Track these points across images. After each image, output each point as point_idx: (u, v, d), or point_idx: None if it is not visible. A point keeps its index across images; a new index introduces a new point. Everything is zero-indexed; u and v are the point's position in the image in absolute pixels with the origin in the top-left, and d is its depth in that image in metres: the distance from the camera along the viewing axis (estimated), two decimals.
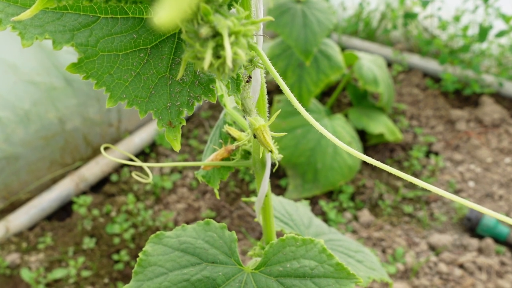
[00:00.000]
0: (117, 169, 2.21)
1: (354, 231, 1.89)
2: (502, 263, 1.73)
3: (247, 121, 0.52)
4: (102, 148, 0.80)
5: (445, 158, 2.25)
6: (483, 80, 2.59)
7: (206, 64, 0.31)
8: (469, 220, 1.86)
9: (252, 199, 0.80)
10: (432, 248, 1.81)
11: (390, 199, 2.04)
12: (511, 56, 2.61)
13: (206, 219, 0.62)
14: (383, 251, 1.81)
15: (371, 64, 2.22)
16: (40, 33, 0.38)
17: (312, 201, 2.02)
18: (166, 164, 0.67)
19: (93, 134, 2.16)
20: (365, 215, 1.95)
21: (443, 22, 2.69)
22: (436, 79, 2.80)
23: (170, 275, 0.58)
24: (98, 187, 2.16)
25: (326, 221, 1.92)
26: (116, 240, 1.84)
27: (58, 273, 1.71)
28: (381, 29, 3.16)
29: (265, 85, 0.55)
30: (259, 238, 1.89)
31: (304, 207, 0.99)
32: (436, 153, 2.31)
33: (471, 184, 2.10)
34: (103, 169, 2.13)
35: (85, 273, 1.71)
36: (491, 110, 2.45)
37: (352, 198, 2.08)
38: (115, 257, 1.78)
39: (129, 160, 2.15)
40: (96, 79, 0.40)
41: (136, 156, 2.28)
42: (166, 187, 2.10)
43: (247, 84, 0.49)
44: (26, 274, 1.68)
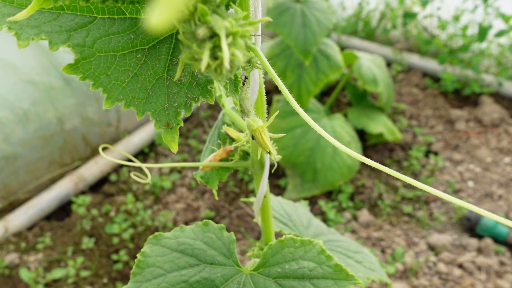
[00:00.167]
0: (116, 169, 2.21)
1: (353, 231, 1.89)
2: (502, 263, 1.73)
3: (245, 122, 0.51)
4: (101, 148, 0.79)
5: (444, 158, 2.25)
6: (483, 79, 2.59)
7: (203, 66, 0.31)
8: (468, 220, 1.85)
9: (251, 200, 0.80)
10: (432, 248, 1.81)
11: (389, 199, 2.04)
12: (510, 55, 2.61)
13: (204, 220, 0.62)
14: (383, 251, 1.81)
15: (370, 63, 2.22)
16: (36, 33, 0.37)
17: (311, 201, 2.02)
18: (165, 165, 0.67)
19: (92, 134, 2.16)
20: (364, 215, 1.94)
21: (443, 22, 2.69)
22: (436, 79, 2.80)
23: (168, 276, 0.57)
24: (97, 187, 2.15)
25: (325, 221, 1.92)
26: (115, 240, 1.84)
27: (57, 273, 1.70)
28: (380, 29, 3.16)
29: (264, 85, 0.55)
30: (258, 238, 1.89)
31: (303, 207, 0.99)
32: (436, 153, 2.30)
33: (471, 184, 2.10)
34: (102, 169, 2.13)
35: (84, 273, 1.71)
36: (490, 109, 2.45)
37: (352, 198, 2.07)
38: (114, 257, 1.78)
39: (128, 160, 2.15)
40: (93, 80, 0.40)
41: (135, 156, 2.28)
42: (165, 187, 2.10)
43: (245, 85, 0.48)
44: (25, 274, 1.67)
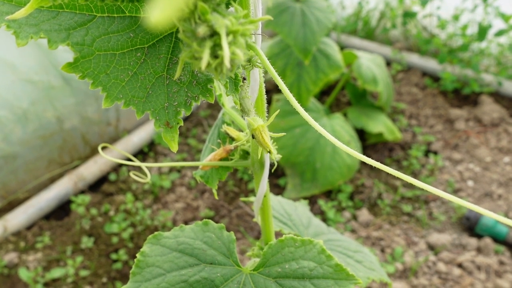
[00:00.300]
0: (116, 168, 2.21)
1: (353, 231, 1.89)
2: (501, 263, 1.73)
3: (245, 121, 0.51)
4: (100, 147, 0.79)
5: (444, 157, 2.25)
6: (482, 79, 2.59)
7: (203, 64, 0.30)
8: (468, 219, 1.85)
9: (251, 199, 0.79)
10: (431, 247, 1.81)
11: (389, 199, 2.04)
12: (510, 55, 2.61)
13: (204, 220, 0.62)
14: (382, 250, 1.81)
15: (370, 63, 2.22)
16: (35, 32, 0.37)
17: (311, 201, 2.02)
18: (164, 164, 0.67)
19: (91, 133, 2.15)
20: (364, 214, 1.94)
21: (442, 21, 2.69)
22: (435, 78, 2.80)
23: (168, 276, 0.57)
24: (96, 186, 2.15)
25: (325, 220, 1.92)
26: (115, 240, 1.84)
27: (56, 273, 1.70)
28: (380, 28, 3.16)
29: (264, 84, 0.55)
30: (258, 238, 1.89)
31: (303, 206, 0.99)
32: (435, 152, 2.30)
33: (470, 183, 2.10)
34: (101, 168, 2.12)
35: (83, 273, 1.71)
36: (490, 109, 2.45)
37: (351, 197, 2.07)
38: (114, 256, 1.78)
39: (128, 159, 2.15)
40: (92, 79, 0.40)
41: (134, 155, 2.28)
42: (164, 186, 2.10)
43: (245, 83, 0.48)
44: (24, 274, 1.67)
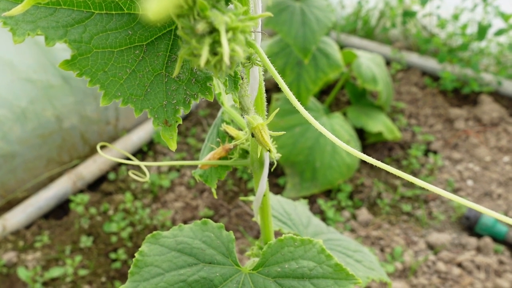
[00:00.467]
0: (115, 167, 2.20)
1: (352, 230, 1.89)
2: (501, 262, 1.72)
3: (245, 119, 0.51)
4: (99, 146, 0.79)
5: (443, 156, 2.25)
6: (482, 78, 2.58)
7: (202, 61, 0.30)
8: (467, 219, 1.85)
9: (250, 198, 0.79)
10: (431, 247, 1.81)
11: (388, 198, 2.04)
12: (510, 54, 2.61)
13: (203, 219, 0.61)
14: (382, 250, 1.81)
15: (369, 62, 2.22)
16: (32, 29, 0.37)
17: (311, 200, 2.02)
18: (163, 163, 0.66)
19: (90, 132, 2.15)
20: (363, 214, 1.94)
21: (442, 21, 2.69)
22: (435, 78, 2.80)
23: (167, 275, 0.57)
24: (95, 185, 2.15)
25: (324, 220, 1.91)
26: (114, 239, 1.83)
27: (55, 272, 1.70)
28: (379, 28, 3.15)
29: (263, 83, 0.54)
30: (257, 237, 1.89)
31: (302, 206, 0.98)
32: (435, 152, 2.30)
33: (470, 183, 2.10)
34: (100, 167, 2.12)
35: (82, 272, 1.71)
36: (489, 108, 2.45)
37: (351, 196, 2.07)
38: (113, 255, 1.77)
39: (127, 159, 2.14)
40: (90, 77, 0.39)
41: (134, 154, 2.27)
42: (164, 186, 2.09)
43: (245, 81, 0.48)
44: (22, 273, 1.67)
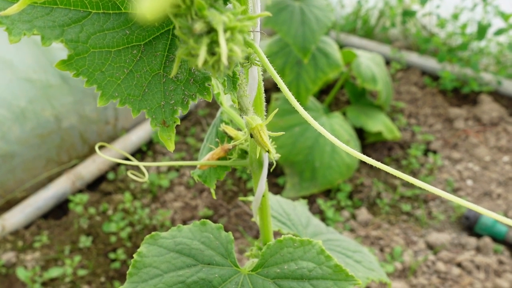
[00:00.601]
0: (114, 167, 2.20)
1: (352, 230, 1.89)
2: (500, 262, 1.72)
3: (244, 120, 0.50)
4: (97, 146, 0.78)
5: (443, 156, 2.25)
6: (482, 78, 2.58)
7: (200, 61, 0.30)
8: (467, 218, 1.85)
9: (249, 198, 0.79)
10: (430, 247, 1.81)
11: (388, 198, 2.03)
12: (509, 54, 2.61)
13: (202, 220, 0.61)
14: (381, 250, 1.80)
15: (369, 62, 2.21)
16: (28, 28, 0.36)
17: (310, 200, 2.01)
18: (162, 163, 0.66)
19: (89, 132, 2.14)
20: (363, 213, 1.94)
21: (442, 20, 2.68)
22: (435, 77, 2.79)
23: (165, 276, 0.56)
24: (94, 185, 2.14)
25: (324, 219, 1.91)
26: (113, 239, 1.83)
27: (54, 272, 1.69)
28: (379, 27, 3.15)
29: (262, 83, 0.54)
30: (256, 237, 1.88)
31: (302, 206, 0.98)
32: (434, 152, 2.30)
33: (469, 182, 2.09)
34: (99, 167, 2.11)
35: (82, 272, 1.70)
36: (489, 108, 2.45)
37: (350, 196, 2.07)
38: (112, 255, 1.77)
39: (126, 159, 2.14)
40: (87, 77, 0.39)
41: (133, 154, 2.27)
42: (163, 186, 2.09)
43: (244, 82, 0.47)
44: (21, 273, 1.66)
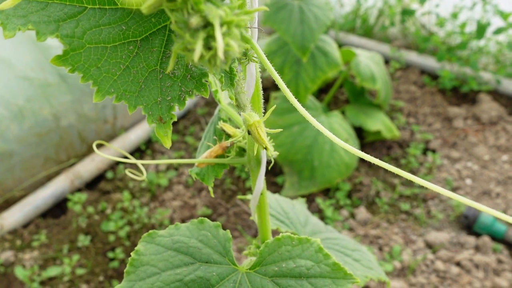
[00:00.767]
0: (113, 166, 2.19)
1: (350, 229, 1.88)
2: (499, 261, 1.72)
3: (241, 117, 0.50)
4: (95, 144, 0.78)
5: (442, 155, 2.25)
6: (481, 77, 2.58)
7: (196, 56, 0.29)
8: (466, 217, 1.85)
9: (248, 197, 0.78)
10: (429, 246, 1.81)
11: (387, 197, 2.03)
12: (509, 53, 2.61)
13: (200, 218, 0.61)
14: (380, 249, 1.80)
15: (368, 61, 2.21)
16: (23, 23, 0.36)
17: (309, 199, 2.01)
18: (160, 162, 0.66)
19: (88, 131, 2.14)
20: (362, 212, 1.94)
21: (441, 19, 2.68)
22: (434, 76, 2.79)
23: (163, 275, 0.56)
24: (93, 184, 2.14)
25: (322, 218, 1.91)
26: (111, 238, 1.82)
27: (53, 271, 1.69)
28: (378, 26, 3.15)
29: (261, 80, 0.54)
30: (255, 236, 1.88)
31: (300, 205, 0.98)
32: (433, 151, 2.30)
33: (468, 181, 2.09)
34: (98, 166, 2.11)
35: (80, 271, 1.70)
36: (488, 107, 2.45)
37: (349, 195, 2.07)
38: (110, 254, 1.76)
39: (125, 157, 2.13)
40: (82, 72, 0.39)
41: (131, 153, 2.27)
42: (161, 184, 2.08)
43: (241, 78, 0.47)
44: (20, 272, 1.66)
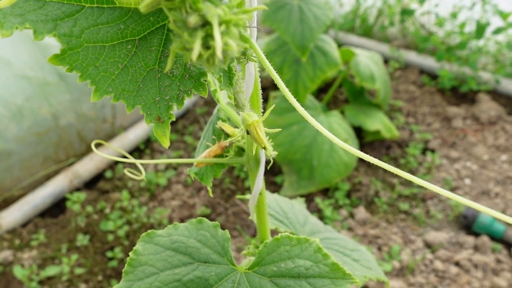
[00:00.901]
0: (112, 166, 2.19)
1: (349, 229, 1.88)
2: (498, 261, 1.72)
3: (240, 116, 0.50)
4: (93, 144, 0.78)
5: (441, 155, 2.25)
6: (480, 77, 2.58)
7: (194, 55, 0.29)
8: (465, 217, 1.85)
9: (247, 197, 0.78)
10: (428, 245, 1.81)
11: (386, 197, 2.03)
12: (508, 53, 2.61)
13: (198, 218, 0.61)
14: (379, 248, 1.80)
15: (368, 60, 2.21)
16: (20, 22, 0.36)
17: (308, 198, 2.01)
18: (159, 161, 0.66)
19: (87, 130, 2.14)
20: (361, 212, 1.94)
21: (440, 19, 2.68)
22: (433, 76, 2.79)
23: (161, 275, 0.56)
24: (92, 183, 2.14)
25: (321, 218, 1.91)
26: (110, 237, 1.82)
27: (51, 270, 1.69)
28: (378, 26, 3.15)
29: (259, 79, 0.54)
30: (254, 235, 1.88)
31: (299, 204, 0.98)
32: (433, 150, 2.30)
33: (467, 181, 2.09)
34: (97, 166, 2.11)
35: (79, 271, 1.70)
36: (487, 107, 2.45)
37: (348, 195, 2.07)
38: (109, 254, 1.76)
39: (123, 157, 2.13)
40: (80, 72, 0.38)
41: (130, 153, 2.26)
42: (160, 184, 2.08)
43: (240, 78, 0.47)
44: (18, 271, 1.66)
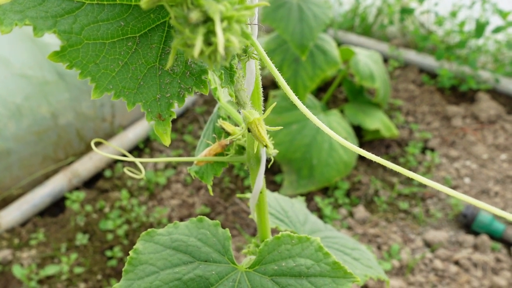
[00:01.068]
0: (111, 165, 2.19)
1: (349, 228, 1.88)
2: (498, 260, 1.72)
3: (241, 114, 0.50)
4: (93, 142, 0.77)
5: (441, 154, 2.25)
6: (480, 76, 2.58)
7: (196, 52, 0.29)
8: (464, 216, 1.85)
9: (247, 195, 0.78)
10: (428, 244, 1.81)
11: (385, 196, 2.03)
12: (507, 52, 2.61)
13: (199, 216, 0.60)
14: (379, 247, 1.80)
15: (367, 59, 2.21)
16: (20, 19, 0.35)
17: (308, 197, 2.01)
18: (159, 160, 0.65)
19: (86, 129, 2.13)
20: (360, 211, 1.94)
21: (440, 18, 2.68)
22: (432, 75, 2.79)
23: (162, 274, 0.56)
24: (91, 182, 2.13)
25: (321, 217, 1.91)
26: (110, 236, 1.82)
27: (51, 270, 1.68)
28: (377, 25, 3.15)
29: (260, 77, 0.53)
30: (254, 235, 1.88)
31: (299, 203, 0.98)
32: (432, 149, 2.30)
33: (467, 180, 2.09)
34: (96, 165, 2.10)
35: (78, 270, 1.69)
36: (487, 106, 2.45)
37: (348, 194, 2.06)
38: (108, 253, 1.76)
39: (123, 156, 2.13)
40: (80, 69, 0.38)
41: (130, 152, 2.26)
42: (160, 183, 2.08)
43: (241, 75, 0.47)
44: (18, 271, 1.65)
